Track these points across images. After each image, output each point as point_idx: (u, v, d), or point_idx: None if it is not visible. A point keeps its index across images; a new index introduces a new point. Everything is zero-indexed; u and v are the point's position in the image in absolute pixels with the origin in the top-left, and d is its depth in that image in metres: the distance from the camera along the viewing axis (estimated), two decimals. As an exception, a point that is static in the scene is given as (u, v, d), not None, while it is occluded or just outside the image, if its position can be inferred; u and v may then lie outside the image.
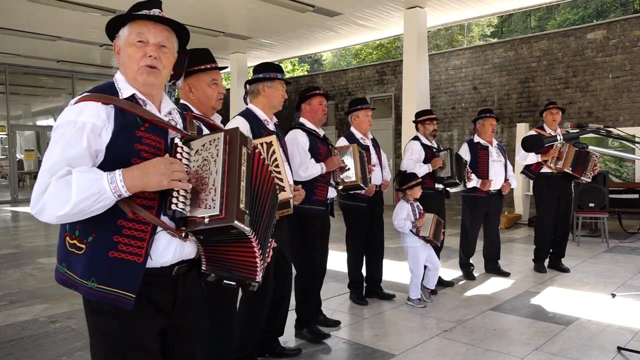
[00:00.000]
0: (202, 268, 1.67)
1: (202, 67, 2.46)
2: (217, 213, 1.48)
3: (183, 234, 1.56)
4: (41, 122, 18.31)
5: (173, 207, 1.49)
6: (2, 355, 3.37)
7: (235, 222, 1.47)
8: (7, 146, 15.22)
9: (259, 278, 1.65)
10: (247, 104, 3.08)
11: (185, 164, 1.56)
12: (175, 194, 1.51)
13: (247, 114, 2.97)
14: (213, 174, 1.53)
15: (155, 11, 1.62)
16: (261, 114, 3.00)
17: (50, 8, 8.94)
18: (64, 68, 14.75)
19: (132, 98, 1.60)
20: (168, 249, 1.57)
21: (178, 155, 1.56)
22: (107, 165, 1.49)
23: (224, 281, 1.67)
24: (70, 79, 15.34)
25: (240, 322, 2.87)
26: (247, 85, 3.09)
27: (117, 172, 1.45)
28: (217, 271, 1.67)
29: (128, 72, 1.62)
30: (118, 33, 1.64)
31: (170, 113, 1.71)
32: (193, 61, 2.44)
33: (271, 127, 3.02)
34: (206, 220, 1.49)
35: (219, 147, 1.55)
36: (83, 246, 1.51)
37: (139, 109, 1.58)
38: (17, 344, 3.57)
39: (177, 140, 1.59)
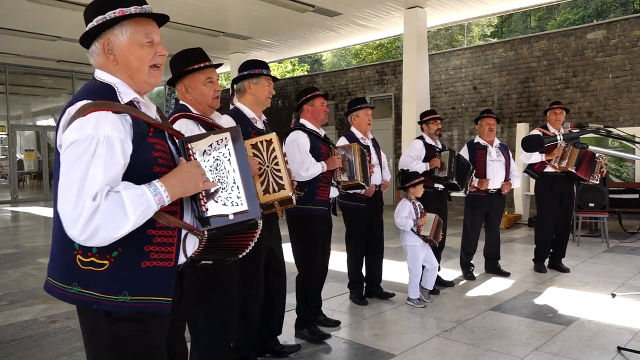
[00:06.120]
0: (191, 255, 1.67)
1: (196, 66, 2.47)
2: (245, 209, 1.57)
3: (205, 232, 1.57)
4: (41, 122, 18.31)
5: (203, 208, 1.55)
6: (2, 355, 3.37)
7: (259, 216, 1.59)
8: (7, 146, 15.23)
9: (241, 255, 1.75)
10: (233, 104, 3.05)
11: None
12: (200, 195, 1.55)
13: (235, 113, 2.94)
14: (231, 172, 1.60)
15: (148, 7, 1.56)
16: (249, 112, 2.98)
17: (50, 8, 8.94)
18: (64, 68, 14.76)
19: (130, 102, 1.53)
20: (188, 248, 1.60)
21: (192, 158, 1.60)
22: (128, 177, 1.44)
23: (202, 262, 1.71)
24: (70, 79, 15.35)
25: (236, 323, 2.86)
26: (234, 85, 3.07)
27: (157, 183, 1.44)
28: (203, 256, 1.69)
29: (136, 74, 1.55)
30: (107, 31, 1.52)
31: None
32: (187, 62, 2.47)
33: (260, 125, 2.99)
34: (230, 216, 1.57)
35: (229, 146, 1.62)
36: (105, 262, 1.44)
37: (143, 114, 1.53)
38: (17, 344, 3.57)
39: (188, 144, 1.62)
